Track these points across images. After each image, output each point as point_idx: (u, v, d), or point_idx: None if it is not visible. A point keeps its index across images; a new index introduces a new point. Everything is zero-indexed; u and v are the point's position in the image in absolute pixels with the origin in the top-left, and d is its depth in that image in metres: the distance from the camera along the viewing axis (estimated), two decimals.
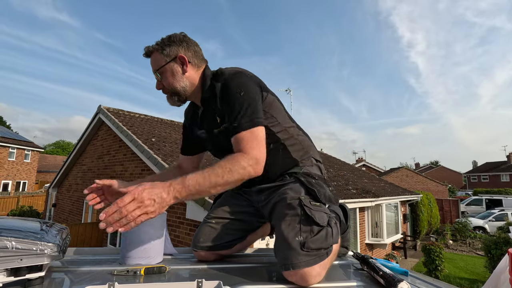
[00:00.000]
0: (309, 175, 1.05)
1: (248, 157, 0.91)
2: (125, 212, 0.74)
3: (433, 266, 7.67)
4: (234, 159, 0.91)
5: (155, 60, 1.06)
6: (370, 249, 9.41)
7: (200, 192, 0.86)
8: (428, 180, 24.49)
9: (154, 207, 0.78)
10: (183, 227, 5.12)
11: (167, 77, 1.06)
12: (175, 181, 0.83)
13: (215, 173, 0.87)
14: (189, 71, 1.08)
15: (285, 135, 1.10)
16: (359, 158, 31.07)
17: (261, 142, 0.95)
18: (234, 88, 0.99)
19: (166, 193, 0.81)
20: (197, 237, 1.10)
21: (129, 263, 0.97)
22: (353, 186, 9.25)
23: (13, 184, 23.75)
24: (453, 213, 17.03)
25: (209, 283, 0.71)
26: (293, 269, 0.83)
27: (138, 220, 0.76)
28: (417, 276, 0.97)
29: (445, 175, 40.57)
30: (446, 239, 12.81)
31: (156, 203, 0.78)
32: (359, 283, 0.88)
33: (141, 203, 0.76)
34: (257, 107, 0.99)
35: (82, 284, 0.76)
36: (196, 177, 0.85)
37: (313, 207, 0.93)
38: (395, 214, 10.98)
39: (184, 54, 1.06)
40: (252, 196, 1.15)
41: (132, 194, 0.76)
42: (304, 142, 1.15)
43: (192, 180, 0.84)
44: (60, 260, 1.00)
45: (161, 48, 1.05)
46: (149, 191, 0.78)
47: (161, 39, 1.07)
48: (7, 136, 24.06)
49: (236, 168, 0.89)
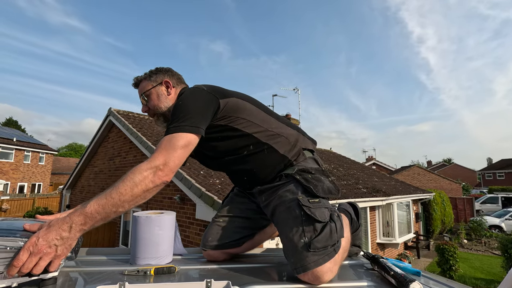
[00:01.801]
0: (305, 171, 1.04)
1: (149, 165, 0.84)
2: (26, 270, 0.68)
3: (447, 266, 7.51)
4: (136, 169, 0.84)
5: (142, 86, 1.16)
6: (381, 248, 9.27)
7: (107, 215, 0.78)
8: (441, 178, 23.96)
9: (58, 251, 0.72)
10: (193, 227, 5.16)
11: (153, 99, 1.14)
12: (73, 213, 0.76)
13: (118, 191, 0.79)
14: (173, 94, 1.16)
15: (266, 134, 1.07)
16: (369, 157, 30.68)
17: (173, 147, 0.87)
18: (177, 100, 1.04)
19: (66, 231, 0.74)
20: (205, 236, 1.12)
21: (139, 263, 0.98)
22: (363, 185, 9.14)
23: (29, 186, 24.44)
24: (468, 211, 16.61)
25: (218, 283, 0.71)
26: (304, 272, 0.84)
27: (50, 268, 0.72)
28: (430, 276, 0.95)
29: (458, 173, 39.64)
30: (461, 238, 12.51)
31: (59, 246, 0.73)
32: (370, 283, 0.86)
33: (40, 253, 0.70)
34: (194, 116, 0.94)
35: (94, 284, 0.78)
36: (98, 201, 0.78)
37: (312, 205, 0.93)
38: (407, 213, 10.79)
39: (169, 80, 1.16)
40: (255, 196, 1.16)
41: (27, 249, 0.69)
42: (290, 137, 1.11)
43: (93, 206, 0.77)
44: (73, 260, 1.03)
45: (149, 76, 1.16)
46: (45, 238, 0.71)
47: (150, 71, 1.18)
48: (23, 140, 24.77)
49: (136, 178, 0.81)
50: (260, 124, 1.09)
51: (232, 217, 1.16)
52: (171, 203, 5.81)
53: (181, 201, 5.46)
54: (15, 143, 23.18)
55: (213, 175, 5.55)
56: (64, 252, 0.74)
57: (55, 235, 0.73)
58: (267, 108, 1.17)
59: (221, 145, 1.07)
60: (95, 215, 0.77)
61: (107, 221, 0.81)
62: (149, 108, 1.16)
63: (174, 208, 5.60)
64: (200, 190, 4.68)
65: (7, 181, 21.90)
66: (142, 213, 1.06)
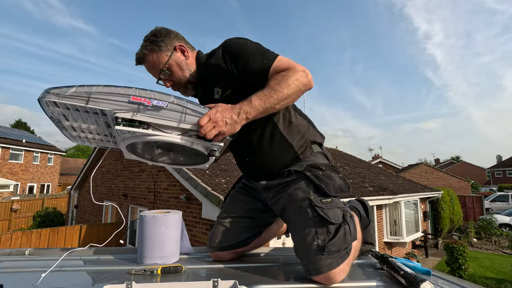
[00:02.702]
0: (314, 167, 1.00)
1: (297, 70, 0.93)
2: (203, 132, 0.84)
3: (457, 265, 7.39)
4: (286, 75, 0.92)
5: (155, 60, 1.03)
6: (389, 247, 9.18)
7: (266, 109, 0.90)
8: (449, 176, 23.61)
9: (226, 127, 0.86)
10: (199, 226, 5.18)
11: (175, 71, 1.04)
12: (242, 104, 0.89)
13: (275, 90, 0.90)
14: (191, 58, 1.08)
15: (281, 119, 1.05)
16: (375, 155, 30.37)
17: (295, 62, 0.96)
18: (240, 42, 1.01)
19: (237, 115, 0.88)
20: (212, 238, 1.10)
21: (146, 263, 0.99)
22: (370, 184, 9.06)
23: (38, 187, 24.83)
24: (477, 210, 16.34)
25: (225, 282, 0.71)
26: (317, 275, 0.83)
27: (215, 139, 0.87)
28: (440, 275, 0.93)
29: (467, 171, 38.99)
30: (470, 237, 12.31)
31: (228, 124, 0.86)
32: (379, 283, 0.85)
33: (215, 123, 0.85)
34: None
35: (101, 283, 0.78)
36: (261, 96, 0.90)
37: (325, 206, 0.91)
38: (414, 212, 10.66)
39: (182, 43, 1.06)
40: (260, 193, 1.13)
41: (208, 115, 0.85)
42: (300, 127, 1.09)
43: (258, 100, 0.89)
44: (81, 259, 1.03)
45: (157, 46, 1.02)
46: (221, 113, 0.86)
47: (148, 39, 1.03)
48: (32, 141, 25.17)
49: (291, 81, 0.91)
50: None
51: (237, 217, 1.14)
52: (178, 203, 5.84)
53: (187, 200, 5.48)
54: (25, 145, 23.56)
55: (219, 175, 5.56)
56: (229, 131, 0.87)
57: (228, 115, 0.87)
58: None
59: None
60: (258, 108, 0.89)
61: (264, 115, 0.92)
62: (173, 82, 1.07)
63: (181, 208, 5.63)
64: (206, 189, 4.69)
65: (17, 181, 22.28)
66: (148, 212, 1.06)
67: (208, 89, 1.07)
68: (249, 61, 0.96)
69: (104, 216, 9.46)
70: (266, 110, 0.91)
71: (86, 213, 10.91)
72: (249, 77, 0.98)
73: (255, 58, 0.96)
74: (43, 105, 0.84)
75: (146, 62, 1.04)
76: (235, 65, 0.98)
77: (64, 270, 0.93)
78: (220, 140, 0.89)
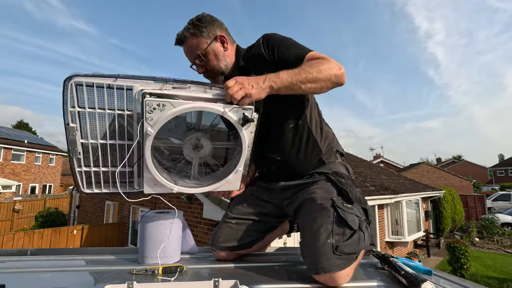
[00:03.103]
0: (338, 174, 1.03)
1: (331, 61, 0.95)
2: (231, 92, 0.85)
3: (458, 264, 7.37)
4: (319, 61, 0.95)
5: (193, 44, 1.04)
6: (390, 247, 9.17)
7: (292, 85, 0.91)
8: (450, 175, 23.53)
9: (253, 90, 0.87)
10: (201, 226, 5.19)
11: (211, 59, 1.06)
12: (270, 74, 0.92)
13: (304, 70, 0.92)
14: (229, 49, 1.10)
15: (315, 119, 1.11)
16: (376, 155, 30.31)
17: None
18: (279, 34, 1.05)
19: (262, 81, 0.90)
20: (216, 236, 1.10)
21: (147, 263, 0.99)
22: (371, 183, 9.04)
23: (40, 187, 24.91)
24: (479, 209, 16.27)
25: (226, 282, 0.71)
26: (324, 273, 0.81)
27: (241, 101, 0.87)
28: (441, 275, 0.93)
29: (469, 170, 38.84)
30: (472, 236, 12.27)
31: (254, 87, 0.88)
32: (380, 283, 0.85)
33: (242, 85, 0.86)
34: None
35: (103, 283, 0.78)
36: (289, 72, 0.92)
37: (346, 209, 0.91)
38: (416, 211, 10.63)
39: (224, 34, 1.08)
40: (276, 193, 1.13)
41: (234, 79, 0.88)
42: (329, 134, 1.17)
43: (285, 74, 0.92)
44: (83, 259, 1.04)
45: (199, 32, 1.04)
46: (248, 78, 0.89)
47: (193, 23, 1.05)
48: (34, 142, 25.25)
49: (323, 67, 0.93)
50: (313, 106, 1.12)
51: (244, 219, 1.13)
52: (179, 203, 5.84)
53: (189, 200, 5.49)
54: (27, 145, 23.64)
55: None
56: (255, 95, 0.88)
57: (254, 80, 0.89)
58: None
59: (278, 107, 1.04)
60: (283, 80, 0.91)
61: (289, 92, 0.93)
62: (206, 69, 1.08)
63: (182, 208, 5.63)
64: None
65: (19, 182, 22.35)
66: (149, 212, 1.06)
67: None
68: (286, 50, 1.01)
69: (106, 216, 9.48)
70: (292, 86, 0.91)
71: (88, 213, 10.94)
72: (285, 65, 0.99)
73: (291, 48, 1.01)
74: (68, 89, 0.82)
75: (185, 44, 1.06)
76: (273, 53, 1.02)
77: (66, 270, 0.94)
78: (247, 102, 0.88)
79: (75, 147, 0.89)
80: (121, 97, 0.86)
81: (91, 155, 0.92)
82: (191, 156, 0.97)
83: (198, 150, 0.97)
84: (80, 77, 0.81)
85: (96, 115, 0.87)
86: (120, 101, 0.86)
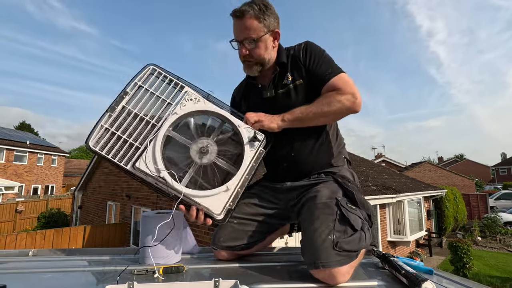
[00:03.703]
0: (344, 178, 1.06)
1: (345, 92, 1.02)
2: (248, 116, 1.03)
3: (461, 264, 7.35)
4: (332, 95, 1.03)
5: (252, 26, 1.05)
6: (392, 246, 9.15)
7: (303, 119, 1.03)
8: (452, 174, 23.46)
9: (266, 118, 1.04)
10: (202, 226, 5.19)
11: (260, 48, 1.09)
12: (285, 113, 1.05)
13: (315, 106, 1.02)
14: (276, 47, 1.14)
15: (332, 128, 1.18)
16: (378, 154, 30.25)
17: (353, 84, 1.05)
18: (319, 48, 1.12)
19: (276, 116, 1.05)
20: (217, 235, 1.10)
21: (148, 263, 0.99)
22: (373, 183, 9.03)
23: (42, 188, 25.02)
24: (481, 208, 16.23)
25: (226, 282, 0.71)
26: (323, 268, 0.81)
27: (254, 125, 1.03)
28: (443, 274, 0.93)
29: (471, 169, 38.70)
30: (474, 235, 12.23)
31: (268, 118, 1.04)
32: (381, 282, 0.85)
33: (259, 117, 1.04)
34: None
35: (103, 283, 0.79)
36: (301, 108, 1.04)
37: (349, 209, 0.92)
38: (418, 211, 10.61)
39: (278, 30, 1.12)
40: (282, 193, 1.14)
41: (257, 114, 1.05)
42: (341, 140, 1.23)
43: (298, 110, 1.04)
44: (84, 259, 1.04)
45: (263, 17, 1.06)
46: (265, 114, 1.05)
47: (260, 6, 1.05)
48: (36, 143, 25.38)
49: (333, 101, 1.01)
50: None
51: (246, 219, 1.13)
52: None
53: None
54: (29, 146, 23.75)
55: None
56: (268, 122, 1.04)
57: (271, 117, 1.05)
58: None
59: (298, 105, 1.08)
60: (296, 114, 1.04)
61: (302, 125, 1.06)
62: (249, 54, 1.09)
63: None
64: None
65: (22, 183, 22.46)
66: (150, 212, 1.07)
67: (282, 74, 1.14)
68: (317, 65, 1.08)
69: (108, 217, 9.51)
70: (303, 120, 1.03)
71: (90, 214, 10.98)
72: (311, 76, 1.09)
73: (323, 65, 1.08)
74: (144, 70, 1.05)
75: (242, 20, 1.06)
76: (307, 61, 1.10)
77: (67, 270, 0.94)
78: (258, 128, 1.03)
79: (115, 106, 1.01)
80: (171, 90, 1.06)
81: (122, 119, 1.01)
82: (194, 159, 0.99)
83: (202, 155, 0.99)
84: (156, 67, 1.06)
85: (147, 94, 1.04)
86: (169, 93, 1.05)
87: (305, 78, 1.10)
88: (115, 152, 0.98)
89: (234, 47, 1.12)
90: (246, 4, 1.06)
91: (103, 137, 0.98)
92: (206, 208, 0.96)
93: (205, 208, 0.96)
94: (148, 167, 0.95)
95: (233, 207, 0.98)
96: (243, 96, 1.27)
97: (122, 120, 1.00)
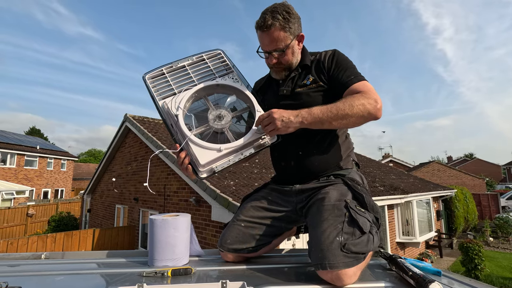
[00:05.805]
0: (354, 181, 1.06)
1: (367, 97, 0.99)
2: (263, 125, 1.00)
3: (472, 265, 7.20)
4: (355, 96, 0.99)
5: (279, 37, 1.06)
6: (401, 248, 9.03)
7: (323, 120, 0.97)
8: (462, 174, 23.04)
9: (280, 125, 0.97)
10: (209, 229, 5.21)
11: (288, 54, 1.11)
12: (304, 109, 0.99)
13: (337, 106, 0.97)
14: (301, 49, 1.16)
15: (341, 131, 1.18)
16: (385, 154, 29.89)
17: (375, 91, 1.03)
18: (345, 57, 1.14)
19: (294, 117, 0.97)
20: (224, 237, 1.11)
21: (157, 265, 1.01)
22: (380, 183, 8.93)
23: (52, 192, 25.43)
24: (493, 208, 15.89)
25: (234, 284, 0.72)
26: (330, 269, 0.81)
27: (270, 133, 1.00)
28: (452, 276, 0.92)
29: (481, 168, 37.92)
30: (486, 236, 11.98)
31: (283, 122, 0.96)
32: (388, 283, 0.84)
33: (271, 119, 0.97)
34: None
35: (114, 285, 0.80)
36: (321, 108, 0.98)
37: (358, 212, 0.92)
38: (427, 211, 10.45)
39: (302, 33, 1.13)
40: (291, 196, 1.13)
41: (268, 113, 0.99)
42: (350, 143, 1.23)
43: (317, 110, 0.98)
44: (95, 262, 1.06)
45: (288, 26, 1.06)
46: (279, 112, 0.98)
47: (282, 15, 1.04)
48: (45, 148, 25.84)
49: (356, 103, 0.96)
50: None
51: (254, 222, 1.13)
52: (187, 205, 5.89)
53: (197, 203, 5.53)
54: (39, 151, 24.19)
55: (227, 177, 5.59)
56: (282, 130, 0.98)
57: (286, 114, 0.98)
58: None
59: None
60: (314, 116, 0.97)
61: (321, 127, 1.00)
62: (279, 61, 1.12)
63: (190, 210, 5.68)
64: (215, 192, 4.72)
65: (32, 187, 22.86)
66: (158, 216, 1.08)
67: (303, 75, 1.16)
68: (340, 71, 1.08)
69: (116, 220, 9.62)
70: (322, 122, 0.97)
71: (99, 217, 11.11)
72: (333, 82, 1.09)
73: (347, 71, 1.07)
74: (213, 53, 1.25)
75: (269, 32, 1.06)
76: (331, 66, 1.10)
77: (79, 273, 0.96)
78: (273, 135, 1.03)
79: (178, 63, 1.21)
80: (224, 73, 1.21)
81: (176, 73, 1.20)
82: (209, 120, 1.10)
83: (217, 121, 1.10)
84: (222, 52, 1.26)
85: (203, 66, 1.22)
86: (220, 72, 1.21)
87: (326, 83, 1.10)
88: (157, 89, 1.15)
89: (262, 57, 1.15)
90: (269, 14, 1.05)
91: (157, 76, 1.18)
92: (194, 155, 1.02)
93: (193, 156, 1.02)
94: (170, 106, 1.10)
95: (217, 171, 1.02)
96: (261, 89, 1.29)
97: (176, 73, 1.18)
